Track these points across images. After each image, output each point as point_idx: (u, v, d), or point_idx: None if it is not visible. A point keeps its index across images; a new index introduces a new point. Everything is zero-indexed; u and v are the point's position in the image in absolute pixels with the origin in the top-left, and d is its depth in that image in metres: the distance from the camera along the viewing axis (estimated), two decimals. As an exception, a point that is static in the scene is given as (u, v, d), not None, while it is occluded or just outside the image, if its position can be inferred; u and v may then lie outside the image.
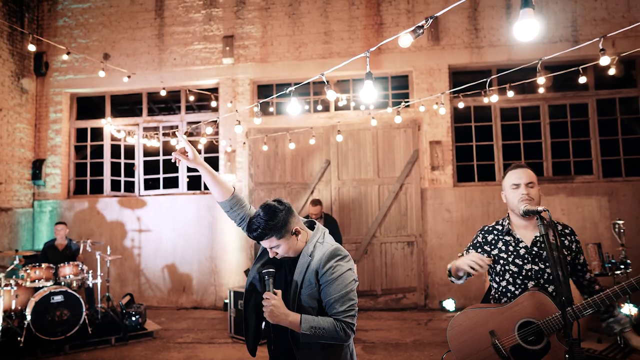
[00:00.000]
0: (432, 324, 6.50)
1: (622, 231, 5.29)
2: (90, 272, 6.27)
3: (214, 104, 7.82)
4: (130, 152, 8.59)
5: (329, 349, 1.98)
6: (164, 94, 7.15)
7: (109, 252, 6.59)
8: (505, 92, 5.79)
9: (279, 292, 1.93)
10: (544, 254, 2.25)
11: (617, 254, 5.26)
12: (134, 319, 5.95)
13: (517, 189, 2.26)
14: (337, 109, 7.95)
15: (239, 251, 7.76)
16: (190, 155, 2.01)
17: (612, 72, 5.17)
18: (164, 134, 8.09)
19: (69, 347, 5.46)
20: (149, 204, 8.11)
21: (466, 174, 7.87)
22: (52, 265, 5.91)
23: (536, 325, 2.14)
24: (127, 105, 10.08)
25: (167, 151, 8.46)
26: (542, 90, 6.02)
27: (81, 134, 8.79)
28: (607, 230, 6.93)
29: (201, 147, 7.70)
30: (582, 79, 5.38)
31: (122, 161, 8.52)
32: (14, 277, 5.99)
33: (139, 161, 8.41)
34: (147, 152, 8.47)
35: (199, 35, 8.16)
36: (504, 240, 2.35)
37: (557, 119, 7.66)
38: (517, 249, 2.31)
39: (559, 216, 6.98)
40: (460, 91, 6.28)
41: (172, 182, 8.47)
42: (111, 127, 7.86)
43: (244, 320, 2.13)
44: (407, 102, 6.99)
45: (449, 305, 7.11)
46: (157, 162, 8.46)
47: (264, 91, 8.32)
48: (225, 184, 2.09)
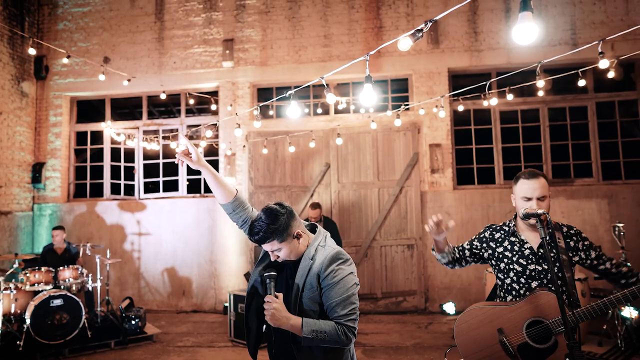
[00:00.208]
0: (432, 327, 6.49)
1: (622, 234, 5.29)
2: (89, 275, 6.24)
3: (214, 107, 7.84)
4: (130, 155, 8.58)
5: (330, 353, 1.97)
6: (164, 97, 7.17)
7: (108, 256, 6.58)
8: (504, 95, 5.80)
9: (281, 295, 1.93)
10: (553, 253, 2.28)
11: (617, 256, 5.25)
12: (133, 322, 5.94)
13: (528, 202, 2.27)
14: (337, 112, 7.96)
15: (239, 254, 7.75)
16: (193, 156, 2.02)
17: (611, 75, 5.18)
18: (164, 137, 8.10)
19: (68, 351, 5.45)
20: (149, 207, 8.11)
21: (466, 177, 7.87)
22: (51, 268, 5.89)
23: (545, 324, 2.17)
24: (127, 108, 10.09)
25: (167, 154, 8.48)
26: (541, 93, 6.02)
27: (81, 137, 8.80)
28: (607, 233, 6.94)
29: (201, 150, 7.70)
30: (582, 82, 5.40)
31: (122, 164, 8.52)
32: (14, 280, 5.98)
33: (139, 164, 8.41)
34: (147, 156, 8.47)
35: (199, 38, 8.17)
36: (509, 240, 2.40)
37: (556, 121, 7.67)
38: (522, 249, 2.35)
39: (559, 219, 6.98)
40: (460, 94, 6.29)
41: (172, 186, 8.46)
42: (111, 130, 7.87)
43: (246, 323, 2.12)
44: (407, 105, 7.01)
45: (449, 308, 7.10)
46: (157, 165, 8.46)
47: (263, 94, 8.32)
48: (228, 186, 2.10)
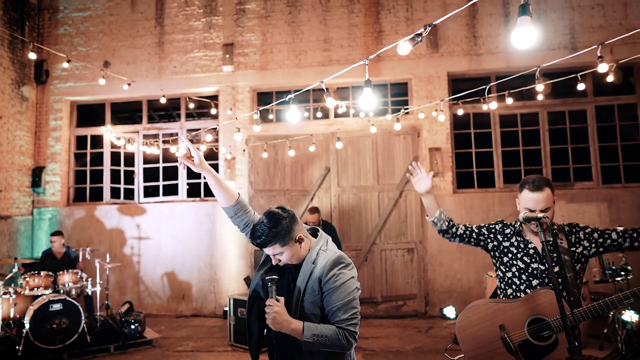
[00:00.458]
0: (432, 331, 6.48)
1: (622, 237, 5.28)
2: (89, 280, 6.22)
3: (213, 111, 7.85)
4: (130, 159, 8.58)
5: (331, 357, 1.97)
6: (164, 101, 7.17)
7: (108, 260, 6.57)
8: (504, 99, 5.82)
9: (282, 299, 1.93)
10: (554, 255, 2.33)
11: (618, 260, 5.24)
12: (133, 327, 5.92)
13: (532, 213, 2.29)
14: (336, 116, 7.97)
15: (239, 258, 7.74)
16: (196, 159, 2.03)
17: (610, 79, 5.21)
18: (164, 142, 8.10)
19: (67, 355, 5.43)
20: (149, 212, 8.10)
21: (466, 181, 7.87)
22: (51, 273, 5.87)
23: (546, 322, 2.19)
24: (127, 112, 10.10)
25: (167, 158, 8.48)
26: (541, 97, 6.05)
27: (81, 141, 8.80)
28: (607, 236, 6.92)
29: (201, 154, 7.69)
30: (581, 86, 5.41)
31: (122, 168, 8.52)
32: (13, 285, 5.96)
33: (139, 168, 8.42)
34: (146, 160, 8.47)
35: (199, 43, 8.19)
36: (515, 238, 2.48)
37: (556, 125, 7.68)
38: (527, 249, 2.42)
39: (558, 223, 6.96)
40: (459, 98, 6.30)
41: (171, 190, 8.46)
42: (111, 134, 7.88)
43: (247, 327, 2.11)
44: (407, 109, 7.02)
45: (450, 312, 7.09)
46: (157, 169, 8.46)
47: (263, 98, 8.34)
48: (230, 189, 2.11)
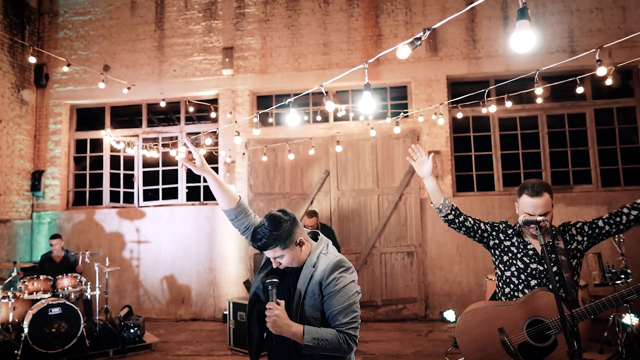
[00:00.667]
0: (432, 335, 6.46)
1: (621, 241, 5.28)
2: (88, 283, 6.21)
3: (213, 115, 7.85)
4: (129, 163, 8.58)
5: (331, 361, 1.96)
6: (163, 105, 7.19)
7: (107, 264, 6.55)
8: (503, 102, 5.82)
9: (282, 302, 1.93)
10: (552, 257, 2.36)
11: (617, 263, 5.24)
12: (132, 331, 5.91)
13: (521, 216, 2.31)
14: (336, 119, 7.97)
15: (238, 262, 7.72)
16: (197, 162, 2.04)
17: (609, 82, 5.21)
18: (164, 145, 8.11)
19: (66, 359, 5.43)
20: (148, 215, 8.09)
21: (465, 184, 7.87)
22: (50, 277, 5.86)
23: (545, 323, 2.22)
24: (126, 116, 10.10)
25: (167, 162, 8.49)
26: (540, 100, 6.04)
27: (80, 145, 8.80)
28: (607, 240, 6.91)
29: (202, 156, 7.69)
30: (580, 89, 5.42)
31: (122, 172, 8.52)
32: (12, 289, 5.95)
33: (139, 172, 8.41)
34: (146, 163, 8.47)
35: (198, 46, 8.21)
36: (516, 238, 2.52)
37: (555, 128, 7.69)
38: (527, 249, 2.46)
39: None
40: (458, 101, 6.31)
41: (171, 193, 8.45)
42: (111, 138, 7.87)
43: (248, 330, 2.11)
44: (406, 112, 7.03)
45: (450, 316, 7.08)
46: (157, 173, 8.45)
47: (263, 102, 8.35)
48: (230, 192, 2.11)
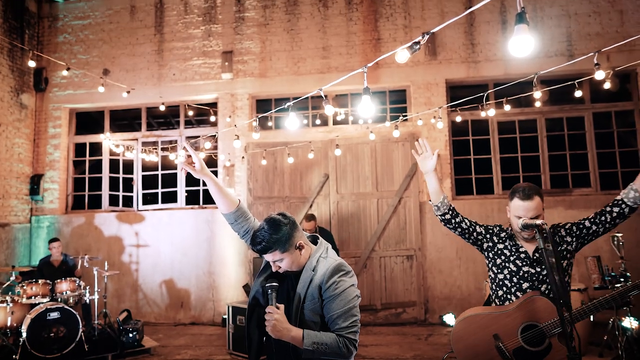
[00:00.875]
0: (432, 339, 6.45)
1: (621, 244, 5.28)
2: (87, 288, 6.19)
3: (212, 118, 7.87)
4: (128, 166, 8.57)
5: (331, 365, 1.95)
6: (163, 109, 7.19)
7: (106, 268, 6.53)
8: (502, 106, 5.83)
9: (282, 306, 1.92)
10: (552, 260, 2.36)
11: (617, 266, 5.24)
12: (131, 335, 5.89)
13: (520, 219, 2.35)
14: (335, 123, 7.98)
15: (238, 266, 7.71)
16: (197, 165, 2.04)
17: (607, 86, 5.23)
18: (163, 149, 8.11)
19: (65, 364, 5.40)
20: (147, 219, 8.08)
21: (465, 187, 7.88)
22: (48, 281, 5.84)
23: (539, 328, 2.25)
24: (126, 120, 10.10)
25: (166, 166, 8.48)
26: (538, 104, 6.07)
27: (80, 149, 8.80)
28: (606, 243, 6.90)
29: (202, 160, 7.69)
30: (578, 93, 5.44)
31: (121, 176, 8.51)
32: (10, 293, 5.93)
33: (138, 176, 8.41)
34: (145, 167, 8.46)
35: (198, 50, 8.23)
36: (508, 241, 2.53)
37: (554, 132, 7.71)
38: (519, 252, 2.48)
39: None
40: (457, 105, 6.32)
41: (170, 197, 8.44)
42: (110, 142, 7.87)
43: (247, 334, 2.10)
44: (405, 116, 7.04)
45: (449, 319, 7.06)
46: (156, 176, 8.45)
47: (262, 106, 8.35)
48: (230, 195, 2.11)
